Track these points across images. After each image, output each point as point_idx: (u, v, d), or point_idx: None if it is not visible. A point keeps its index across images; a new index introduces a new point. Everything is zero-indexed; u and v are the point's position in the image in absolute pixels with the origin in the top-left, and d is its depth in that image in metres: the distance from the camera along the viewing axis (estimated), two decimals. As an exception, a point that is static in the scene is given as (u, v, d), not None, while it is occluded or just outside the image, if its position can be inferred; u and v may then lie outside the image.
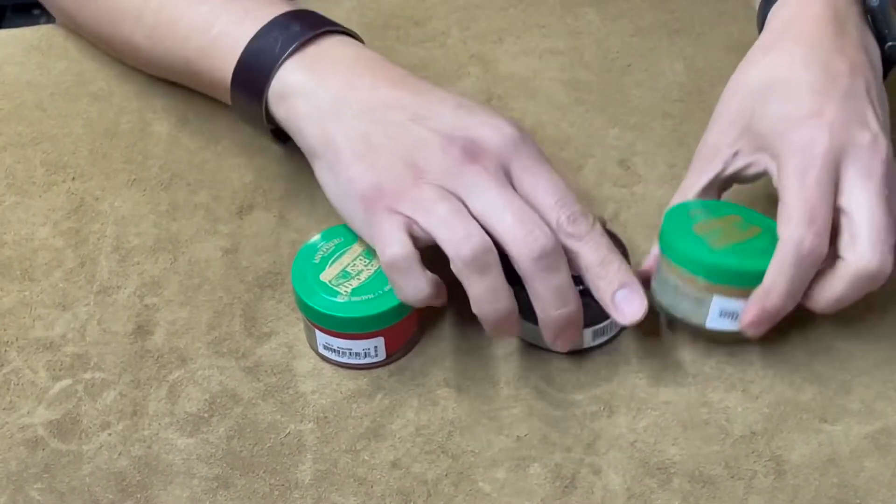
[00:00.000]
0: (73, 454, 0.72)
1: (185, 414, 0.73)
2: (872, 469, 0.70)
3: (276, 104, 0.76)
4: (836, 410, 0.73)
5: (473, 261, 0.68)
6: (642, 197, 0.83)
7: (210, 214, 0.82)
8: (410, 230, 0.69)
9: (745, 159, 0.74)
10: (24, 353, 0.76)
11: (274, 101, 0.76)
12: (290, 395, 0.74)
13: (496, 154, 0.70)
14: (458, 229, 0.68)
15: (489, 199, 0.69)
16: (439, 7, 0.94)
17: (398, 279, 0.69)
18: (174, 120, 0.87)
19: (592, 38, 0.92)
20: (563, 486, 0.70)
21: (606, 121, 0.87)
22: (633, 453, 0.71)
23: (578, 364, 0.75)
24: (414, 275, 0.69)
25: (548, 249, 0.68)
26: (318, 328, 0.74)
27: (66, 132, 0.87)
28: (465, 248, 0.68)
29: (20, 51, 0.92)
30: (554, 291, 0.69)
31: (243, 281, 0.79)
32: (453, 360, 0.75)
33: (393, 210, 0.69)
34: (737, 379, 0.74)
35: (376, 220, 0.70)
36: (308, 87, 0.74)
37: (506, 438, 0.72)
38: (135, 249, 0.81)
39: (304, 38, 0.76)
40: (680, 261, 0.72)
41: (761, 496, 0.69)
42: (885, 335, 0.76)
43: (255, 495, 0.70)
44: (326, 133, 0.73)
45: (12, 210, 0.83)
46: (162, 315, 0.78)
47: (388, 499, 0.70)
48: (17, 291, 0.79)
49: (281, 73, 0.75)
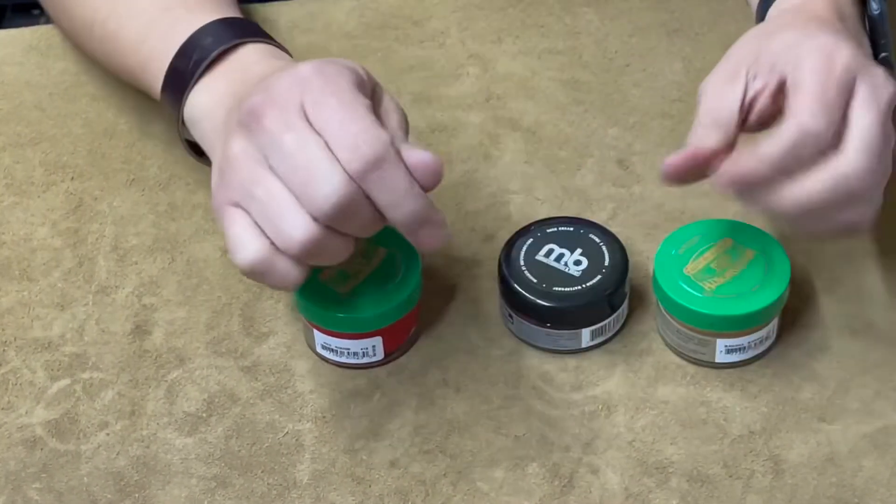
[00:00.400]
0: (71, 454, 0.72)
1: (184, 414, 0.73)
2: (871, 469, 0.70)
3: (190, 128, 0.75)
4: (834, 410, 0.73)
5: (333, 215, 0.64)
6: (641, 197, 0.83)
7: (209, 214, 0.82)
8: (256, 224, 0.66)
9: (763, 79, 0.70)
10: (23, 352, 0.76)
11: (188, 125, 0.75)
12: (288, 394, 0.74)
13: (282, 100, 0.65)
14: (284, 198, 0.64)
15: (279, 154, 0.65)
16: (438, 7, 0.94)
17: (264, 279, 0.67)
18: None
19: (591, 38, 0.92)
20: (561, 486, 0.70)
21: (605, 120, 0.87)
22: (632, 453, 0.71)
23: (577, 364, 0.75)
24: (277, 270, 0.66)
25: (341, 202, 0.63)
26: (317, 328, 0.74)
27: (64, 132, 0.87)
28: (318, 193, 0.64)
29: (19, 51, 0.92)
30: (362, 228, 0.65)
31: (242, 281, 0.79)
32: (451, 360, 0.75)
33: (230, 204, 0.67)
34: (735, 378, 0.74)
35: (220, 223, 0.67)
36: (208, 108, 0.73)
37: (504, 438, 0.72)
38: (133, 249, 0.81)
39: (214, 55, 0.74)
40: (676, 313, 0.73)
41: (760, 495, 0.69)
42: (885, 335, 0.76)
43: (253, 495, 0.70)
44: (211, 155, 0.72)
45: (11, 210, 0.83)
46: (160, 315, 0.78)
47: (387, 498, 0.70)
48: (15, 291, 0.79)
49: (191, 98, 0.74)
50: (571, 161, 0.85)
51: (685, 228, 0.75)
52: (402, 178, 0.65)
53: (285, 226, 0.64)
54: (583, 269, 0.74)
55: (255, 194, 0.65)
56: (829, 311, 0.77)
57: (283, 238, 0.65)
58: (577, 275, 0.74)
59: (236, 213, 0.66)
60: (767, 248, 0.74)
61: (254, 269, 0.66)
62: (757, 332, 0.73)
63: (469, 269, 0.79)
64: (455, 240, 0.81)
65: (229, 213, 0.66)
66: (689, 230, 0.75)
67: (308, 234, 0.64)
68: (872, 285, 0.78)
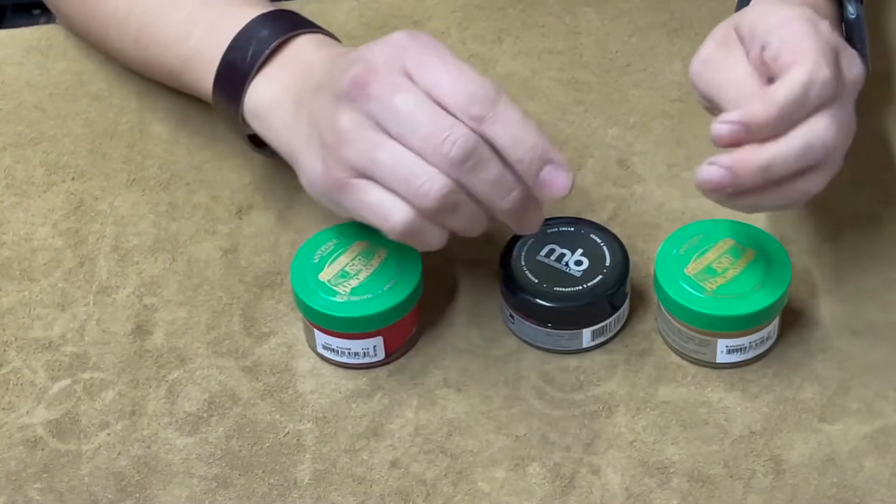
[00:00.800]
0: (72, 454, 0.72)
1: (184, 414, 0.73)
2: (871, 469, 0.70)
3: (251, 120, 0.75)
4: (835, 410, 0.73)
5: (462, 164, 0.65)
6: (641, 196, 0.83)
7: (209, 214, 0.82)
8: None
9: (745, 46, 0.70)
10: (24, 353, 0.76)
11: (248, 117, 0.75)
12: (289, 394, 0.74)
13: (384, 66, 0.67)
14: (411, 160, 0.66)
15: (394, 116, 0.66)
16: (438, 7, 0.94)
17: (415, 241, 0.68)
18: (173, 120, 0.87)
19: (591, 38, 0.92)
20: (562, 486, 0.70)
21: (605, 120, 0.87)
22: (632, 453, 0.71)
23: (577, 364, 0.75)
24: (427, 230, 0.67)
25: (468, 148, 0.65)
26: (317, 328, 0.74)
27: (65, 132, 0.87)
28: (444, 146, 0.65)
29: (20, 51, 0.92)
30: (493, 185, 0.66)
31: (242, 281, 0.79)
32: (452, 360, 0.75)
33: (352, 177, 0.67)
34: (736, 378, 0.74)
35: (348, 199, 0.68)
36: (274, 99, 0.74)
37: (505, 438, 0.72)
38: (134, 249, 0.81)
39: (272, 46, 0.75)
40: (677, 313, 0.73)
41: (760, 496, 0.69)
42: (885, 335, 0.76)
43: (253, 495, 0.70)
44: (290, 143, 0.72)
45: (11, 210, 0.83)
46: (161, 315, 0.78)
47: (387, 498, 0.70)
48: (16, 291, 0.79)
49: (251, 91, 0.75)
50: (572, 161, 0.85)
51: (686, 228, 0.75)
52: (517, 115, 0.66)
53: (419, 181, 0.65)
54: (584, 270, 0.75)
55: (379, 159, 0.66)
56: (829, 311, 0.77)
57: (419, 195, 0.65)
58: (578, 275, 0.74)
59: (363, 184, 0.67)
60: (768, 249, 0.74)
61: (408, 232, 0.67)
62: (758, 333, 0.73)
63: (470, 269, 0.79)
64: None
65: (355, 185, 0.67)
66: (689, 230, 0.75)
67: (443, 187, 0.65)
68: (873, 285, 0.78)
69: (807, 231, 0.80)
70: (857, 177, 0.82)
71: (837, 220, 0.81)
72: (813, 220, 0.81)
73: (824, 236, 0.80)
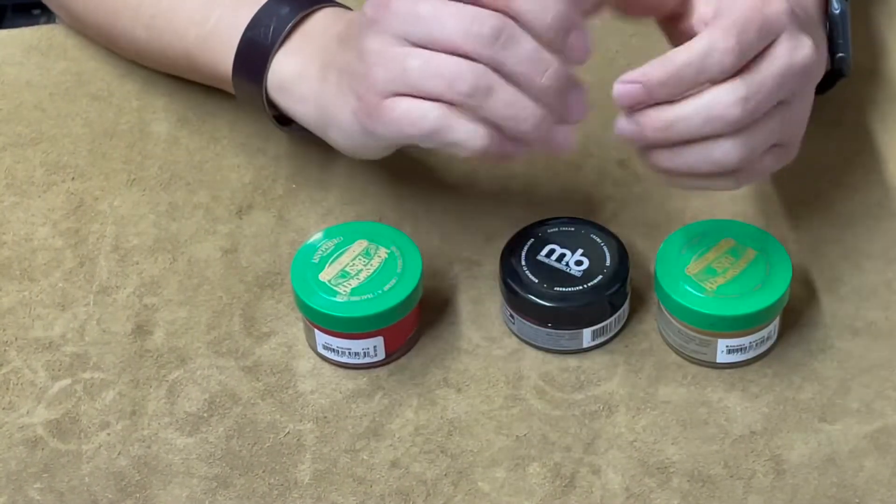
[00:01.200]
0: (72, 454, 0.72)
1: (185, 414, 0.73)
2: (872, 469, 0.70)
3: (276, 95, 0.76)
4: (835, 410, 0.73)
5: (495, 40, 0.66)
6: (641, 197, 0.83)
7: (209, 214, 0.82)
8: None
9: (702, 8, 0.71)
10: (24, 352, 0.76)
11: (273, 93, 0.76)
12: (289, 394, 0.74)
13: None
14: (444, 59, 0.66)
15: (420, 23, 0.66)
16: (438, 7, 0.94)
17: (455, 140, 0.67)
18: (173, 120, 0.87)
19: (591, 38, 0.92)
20: (562, 486, 0.70)
21: (605, 121, 0.87)
22: (633, 453, 0.71)
23: (578, 364, 0.75)
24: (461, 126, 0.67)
25: (497, 25, 0.65)
26: (318, 328, 0.74)
27: (65, 132, 0.87)
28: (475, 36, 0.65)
29: (20, 51, 0.92)
30: (528, 62, 0.66)
31: (243, 281, 0.79)
32: (452, 360, 0.75)
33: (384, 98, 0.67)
34: (736, 378, 0.74)
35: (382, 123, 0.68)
36: (299, 71, 0.75)
37: (505, 438, 0.72)
38: (134, 249, 0.81)
39: (293, 21, 0.76)
40: (677, 313, 0.73)
41: (760, 496, 0.69)
42: (885, 335, 0.76)
43: (254, 495, 0.70)
44: (320, 106, 0.73)
45: (12, 210, 0.83)
46: (161, 315, 0.78)
47: (388, 498, 0.70)
48: (16, 291, 0.79)
49: (274, 66, 0.76)
50: (572, 161, 0.85)
51: (686, 228, 0.76)
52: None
53: (449, 71, 0.65)
54: (584, 270, 0.75)
55: (410, 66, 0.66)
56: (829, 310, 0.77)
57: (453, 84, 0.65)
58: (579, 275, 0.74)
59: (396, 98, 0.67)
60: (768, 248, 0.74)
61: (439, 129, 0.66)
62: (758, 332, 0.73)
63: (470, 269, 0.79)
64: (455, 240, 0.81)
65: (386, 104, 0.67)
66: (690, 230, 0.75)
67: (474, 69, 0.65)
68: (873, 285, 0.78)
69: (807, 231, 0.80)
70: (856, 177, 0.82)
71: (837, 220, 0.81)
72: (813, 220, 0.81)
73: (824, 236, 0.80)
